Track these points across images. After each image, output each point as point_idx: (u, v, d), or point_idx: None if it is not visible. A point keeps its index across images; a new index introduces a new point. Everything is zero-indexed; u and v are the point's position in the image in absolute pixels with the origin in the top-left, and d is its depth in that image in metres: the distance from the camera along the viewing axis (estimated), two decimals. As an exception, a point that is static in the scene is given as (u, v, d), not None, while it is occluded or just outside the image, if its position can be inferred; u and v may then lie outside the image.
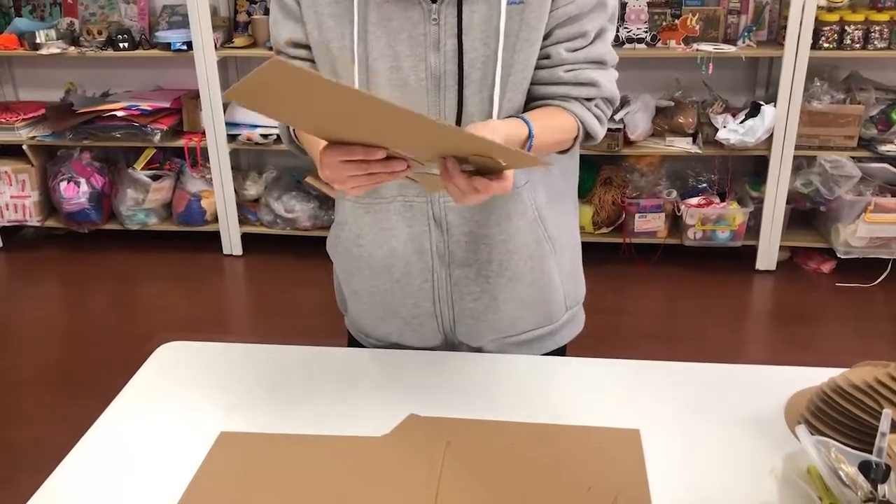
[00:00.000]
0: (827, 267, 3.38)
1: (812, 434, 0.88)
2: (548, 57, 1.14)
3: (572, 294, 1.35)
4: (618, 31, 3.10)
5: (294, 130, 1.20)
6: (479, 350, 1.31)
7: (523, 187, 1.21)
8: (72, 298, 3.48)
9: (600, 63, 1.16)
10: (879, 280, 3.24)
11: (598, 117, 1.18)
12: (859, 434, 0.99)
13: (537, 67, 1.14)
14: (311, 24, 1.13)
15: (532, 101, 1.17)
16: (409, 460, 1.03)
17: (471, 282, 1.24)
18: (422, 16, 1.09)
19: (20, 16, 3.68)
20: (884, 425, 0.86)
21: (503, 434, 1.08)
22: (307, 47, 1.17)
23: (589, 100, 1.17)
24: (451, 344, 1.31)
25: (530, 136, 1.08)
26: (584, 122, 1.16)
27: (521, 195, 1.20)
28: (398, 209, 1.20)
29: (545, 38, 1.12)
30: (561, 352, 1.37)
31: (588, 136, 1.19)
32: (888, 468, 0.84)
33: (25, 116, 3.60)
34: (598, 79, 1.15)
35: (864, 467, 0.85)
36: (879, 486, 0.82)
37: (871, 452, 0.87)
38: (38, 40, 3.46)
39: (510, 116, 1.12)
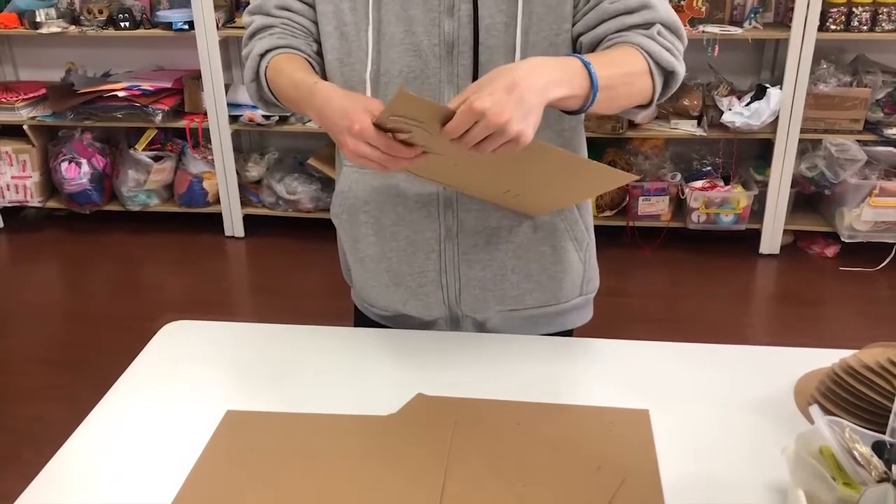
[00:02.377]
0: (831, 251, 3.37)
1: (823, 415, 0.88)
2: (588, 1, 1.09)
3: (591, 282, 1.35)
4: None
5: (268, 82, 1.16)
6: (483, 324, 1.30)
7: None
8: (73, 279, 3.47)
9: None
10: (883, 264, 3.23)
11: (666, 48, 1.05)
12: (870, 415, 0.99)
13: (582, 14, 1.09)
14: None
15: (587, 52, 1.09)
16: (417, 440, 1.03)
17: (479, 250, 1.22)
18: None
19: (20, -6, 3.65)
20: (897, 406, 0.86)
21: (511, 414, 1.07)
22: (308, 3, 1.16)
23: (648, 26, 1.05)
24: (454, 316, 1.29)
25: (587, 67, 0.96)
26: (649, 52, 1.04)
27: None
28: (406, 175, 1.18)
29: None
30: (566, 336, 1.35)
31: (666, 73, 1.06)
32: (902, 449, 0.83)
33: (26, 96, 3.58)
34: (648, 1, 1.06)
35: (878, 447, 0.84)
36: (894, 467, 0.82)
37: (882, 434, 0.86)
38: (38, 19, 3.44)
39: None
